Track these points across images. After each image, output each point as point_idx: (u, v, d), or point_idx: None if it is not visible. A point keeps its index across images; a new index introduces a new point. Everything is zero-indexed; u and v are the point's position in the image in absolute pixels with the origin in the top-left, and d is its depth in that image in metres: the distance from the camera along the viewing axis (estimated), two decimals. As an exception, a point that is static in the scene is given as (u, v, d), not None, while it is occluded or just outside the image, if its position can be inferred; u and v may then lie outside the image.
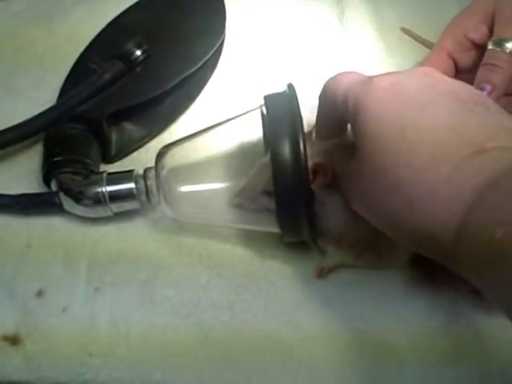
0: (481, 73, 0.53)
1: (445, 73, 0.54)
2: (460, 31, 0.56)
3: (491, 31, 0.54)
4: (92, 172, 0.52)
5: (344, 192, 0.46)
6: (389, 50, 0.68)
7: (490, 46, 0.53)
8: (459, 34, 0.56)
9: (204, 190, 0.51)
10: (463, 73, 0.57)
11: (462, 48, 0.56)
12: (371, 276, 0.52)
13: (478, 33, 0.55)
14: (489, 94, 0.52)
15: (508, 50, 0.51)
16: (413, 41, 0.68)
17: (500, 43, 0.52)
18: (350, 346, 0.49)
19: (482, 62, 0.53)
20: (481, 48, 0.55)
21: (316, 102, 0.51)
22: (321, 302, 0.51)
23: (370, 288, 0.52)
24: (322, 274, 0.52)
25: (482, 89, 0.52)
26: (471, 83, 0.54)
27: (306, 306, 0.50)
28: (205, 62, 0.63)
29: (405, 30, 0.70)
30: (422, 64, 0.59)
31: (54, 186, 0.53)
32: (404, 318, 0.50)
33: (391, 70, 0.63)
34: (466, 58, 0.57)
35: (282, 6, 0.71)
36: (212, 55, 0.64)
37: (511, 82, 0.53)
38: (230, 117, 0.52)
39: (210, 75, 0.65)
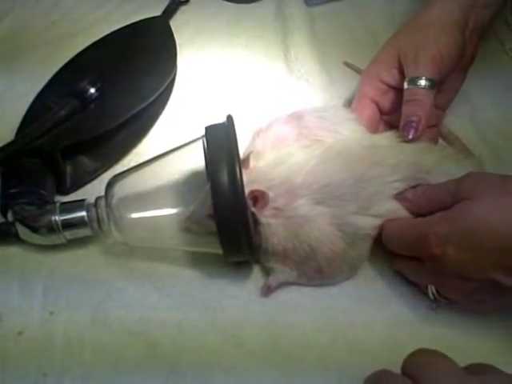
0: (405, 109, 0.58)
1: (370, 116, 0.60)
2: (375, 77, 0.61)
3: (401, 73, 0.60)
4: (46, 202, 0.56)
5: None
6: (331, 82, 0.72)
7: (406, 86, 0.58)
8: (375, 80, 0.61)
9: (152, 217, 0.55)
10: (386, 114, 0.63)
11: (381, 92, 0.62)
12: (312, 295, 0.55)
13: (390, 76, 0.61)
14: (417, 124, 0.57)
15: (422, 86, 0.57)
16: (354, 73, 0.72)
17: (414, 81, 0.58)
18: (291, 361, 0.51)
19: (404, 100, 0.58)
20: (396, 89, 0.61)
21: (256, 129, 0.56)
22: (264, 319, 0.54)
23: (310, 306, 0.55)
24: (268, 291, 0.55)
25: (411, 122, 0.57)
26: (394, 124, 0.60)
27: (249, 323, 0.53)
28: (156, 98, 0.67)
29: (347, 64, 0.73)
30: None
31: (10, 217, 0.56)
32: (343, 333, 0.53)
33: (334, 100, 0.69)
34: (386, 100, 0.62)
35: (231, 45, 0.76)
36: (163, 91, 0.68)
37: (431, 116, 0.59)
38: (175, 147, 0.55)
39: (162, 110, 0.69)
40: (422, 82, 0.57)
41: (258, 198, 0.52)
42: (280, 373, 0.51)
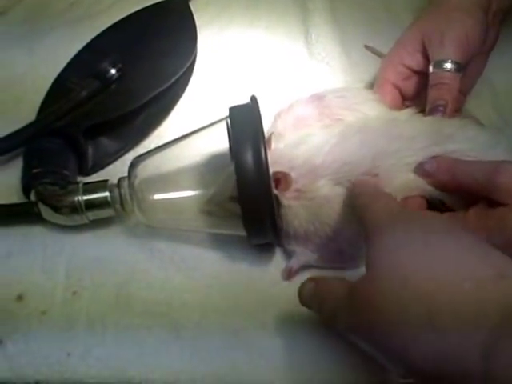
0: (432, 93, 0.58)
1: (393, 102, 0.60)
2: (398, 62, 0.60)
3: (425, 57, 0.59)
4: (69, 182, 0.56)
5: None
6: (352, 65, 0.71)
7: (431, 70, 0.58)
8: (398, 65, 0.61)
9: (175, 198, 0.54)
10: (408, 100, 0.62)
11: (403, 76, 0.61)
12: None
13: (414, 60, 0.60)
14: (444, 108, 0.56)
15: (448, 69, 0.57)
16: (375, 57, 0.72)
17: (440, 65, 0.57)
18: (313, 341, 0.51)
19: (430, 84, 0.58)
20: (419, 74, 0.61)
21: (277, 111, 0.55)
22: (287, 301, 0.53)
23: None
24: (290, 274, 0.55)
25: (438, 106, 0.56)
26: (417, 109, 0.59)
27: (272, 306, 0.53)
28: (177, 79, 0.66)
29: (368, 48, 0.73)
30: None
31: (33, 197, 0.56)
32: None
33: (354, 84, 0.69)
34: (408, 85, 0.61)
35: (251, 27, 0.75)
36: (183, 73, 0.67)
37: (457, 99, 0.58)
38: (198, 128, 0.55)
39: (182, 92, 0.68)
40: (449, 65, 0.57)
41: (281, 179, 0.52)
42: (304, 353, 0.51)
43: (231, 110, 0.52)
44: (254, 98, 0.52)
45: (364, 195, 0.48)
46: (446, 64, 0.57)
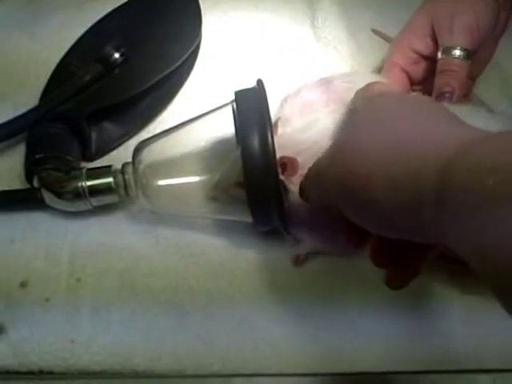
0: (439, 79, 0.57)
1: (401, 86, 0.59)
2: (407, 46, 0.60)
3: (434, 42, 0.58)
4: (72, 168, 0.55)
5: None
6: (359, 49, 0.71)
7: (440, 56, 0.57)
8: (407, 49, 0.60)
9: (180, 184, 0.54)
10: (416, 84, 0.61)
11: (412, 61, 0.60)
12: (341, 264, 0.55)
13: (423, 45, 0.59)
14: (451, 95, 0.56)
15: (457, 56, 0.56)
16: (383, 41, 0.71)
17: (449, 51, 0.56)
18: (322, 329, 0.51)
19: (439, 70, 0.57)
20: (427, 59, 0.60)
21: (283, 96, 0.55)
22: (292, 288, 0.53)
23: (339, 277, 0.54)
24: (298, 261, 0.54)
25: (444, 93, 0.56)
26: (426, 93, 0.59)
27: (278, 292, 0.53)
28: (181, 64, 0.65)
29: (375, 31, 0.72)
30: None
31: (36, 183, 0.55)
32: (376, 305, 0.53)
33: (361, 68, 0.68)
34: (416, 70, 0.61)
35: (257, 9, 0.74)
36: (188, 57, 0.66)
37: (464, 86, 0.58)
38: (203, 112, 0.54)
39: (187, 76, 0.67)
40: (457, 52, 0.56)
41: (287, 164, 0.51)
42: (308, 340, 0.51)
43: (237, 93, 0.51)
44: (260, 82, 0.51)
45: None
46: (455, 51, 0.56)
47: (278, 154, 0.49)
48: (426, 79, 0.61)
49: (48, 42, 0.69)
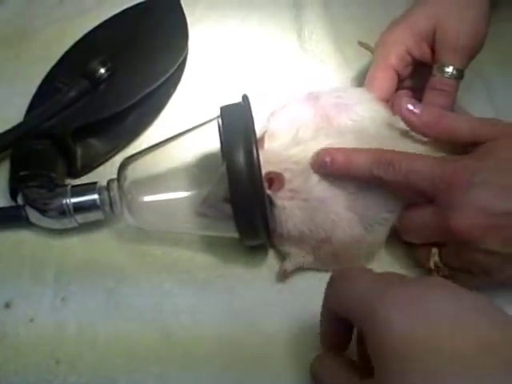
0: (431, 97, 0.57)
1: (392, 88, 0.59)
2: (405, 49, 0.59)
3: (431, 49, 0.58)
4: (57, 185, 0.54)
5: None
6: (346, 62, 0.70)
7: (435, 72, 0.57)
8: (403, 52, 0.59)
9: (166, 200, 0.53)
10: (401, 81, 0.61)
11: (405, 63, 0.60)
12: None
13: (420, 51, 0.59)
14: None
15: (449, 74, 0.56)
16: (370, 54, 0.70)
17: (444, 69, 0.56)
18: (309, 348, 0.50)
19: (431, 87, 0.57)
20: (417, 61, 0.60)
21: (270, 110, 0.54)
22: (280, 305, 0.53)
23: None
24: (284, 276, 0.54)
25: None
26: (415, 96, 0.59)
27: (265, 310, 0.52)
28: (168, 78, 0.65)
29: (362, 44, 0.71)
30: (369, 79, 0.61)
31: (20, 200, 0.54)
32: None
33: (349, 81, 0.68)
34: (406, 71, 0.61)
35: (243, 23, 0.74)
36: (175, 71, 0.66)
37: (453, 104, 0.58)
38: (189, 128, 0.54)
39: (174, 90, 0.67)
40: (454, 72, 0.56)
41: (274, 179, 0.50)
42: (298, 359, 0.50)
43: (222, 109, 0.51)
44: (245, 97, 0.51)
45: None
46: (451, 70, 0.56)
47: (265, 169, 0.49)
48: (411, 78, 0.61)
49: (33, 57, 0.69)
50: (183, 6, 0.71)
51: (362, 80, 0.66)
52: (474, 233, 0.45)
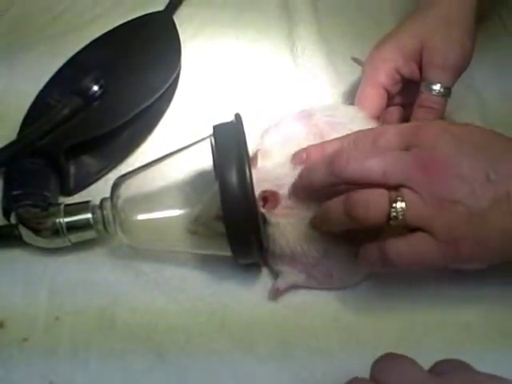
0: (419, 114, 0.58)
1: (382, 106, 0.60)
2: (392, 67, 0.59)
3: (419, 67, 0.59)
4: (50, 204, 0.54)
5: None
6: (339, 77, 0.71)
7: (422, 89, 0.58)
8: (392, 70, 0.59)
9: (159, 218, 0.53)
10: (391, 98, 0.62)
11: (394, 81, 0.60)
12: (324, 298, 0.54)
13: (409, 70, 0.59)
14: None
15: (437, 92, 0.57)
16: (362, 69, 0.71)
17: (431, 87, 0.57)
18: (302, 365, 0.50)
19: (419, 104, 0.58)
20: (406, 79, 0.60)
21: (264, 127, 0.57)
22: (274, 323, 0.53)
23: (321, 309, 0.53)
24: (277, 294, 0.54)
25: None
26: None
27: (259, 327, 0.52)
28: (161, 95, 0.65)
29: (355, 60, 0.72)
30: (359, 97, 0.62)
31: (13, 219, 0.54)
32: (355, 337, 0.52)
33: (341, 97, 0.68)
34: (395, 89, 0.61)
35: (236, 40, 0.74)
36: (168, 88, 0.66)
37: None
38: (182, 146, 0.54)
39: (167, 107, 0.67)
40: (442, 90, 0.57)
41: (268, 198, 0.51)
42: (290, 378, 0.50)
43: (215, 128, 0.51)
44: (238, 116, 0.51)
45: None
46: (438, 88, 0.57)
47: (259, 187, 0.50)
48: (397, 96, 0.62)
49: (27, 73, 0.69)
50: (176, 22, 0.72)
51: (354, 95, 0.66)
52: None
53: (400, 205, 0.44)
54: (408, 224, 0.44)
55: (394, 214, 0.44)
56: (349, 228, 0.48)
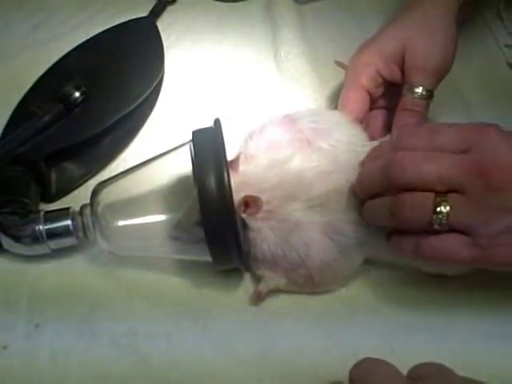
0: (401, 118, 0.58)
1: (365, 108, 0.59)
2: (374, 69, 0.59)
3: (401, 70, 0.59)
4: (30, 211, 0.54)
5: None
6: (322, 82, 0.71)
7: (405, 92, 0.58)
8: (374, 73, 0.60)
9: (140, 224, 0.53)
10: (374, 101, 0.62)
11: (376, 84, 0.60)
12: (306, 302, 0.54)
13: (390, 72, 0.59)
14: None
15: (419, 94, 0.57)
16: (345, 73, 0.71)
17: (413, 90, 0.57)
18: (284, 371, 0.50)
19: (401, 107, 0.58)
20: (388, 82, 0.60)
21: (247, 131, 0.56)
22: (256, 328, 0.53)
23: (303, 314, 0.54)
24: (259, 298, 0.53)
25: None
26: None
27: (241, 333, 0.52)
28: (143, 101, 0.65)
29: (338, 63, 0.72)
30: (342, 101, 0.61)
31: (-7, 227, 0.54)
32: (338, 341, 0.52)
33: (324, 103, 0.68)
34: (377, 92, 0.61)
35: (219, 45, 0.74)
36: (150, 94, 0.66)
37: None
38: (162, 152, 0.54)
39: (149, 113, 0.67)
40: (424, 92, 0.57)
41: (250, 203, 0.50)
42: (273, 382, 0.50)
43: (194, 133, 0.51)
44: (217, 121, 0.51)
45: None
46: (420, 91, 0.57)
47: (240, 191, 0.50)
48: (380, 99, 0.62)
49: (7, 81, 0.69)
50: (159, 28, 0.72)
51: (337, 99, 0.66)
52: None
53: (444, 209, 0.44)
54: (451, 228, 0.45)
55: (439, 217, 0.44)
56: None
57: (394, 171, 0.46)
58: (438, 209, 0.44)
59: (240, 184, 0.51)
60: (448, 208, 0.44)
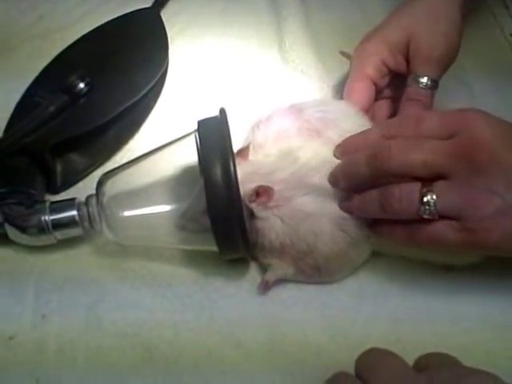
0: (406, 107, 0.58)
1: (371, 98, 0.59)
2: (380, 60, 0.59)
3: (405, 59, 0.59)
4: (36, 202, 0.54)
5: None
6: (327, 72, 0.70)
7: (409, 82, 0.58)
8: (379, 63, 0.59)
9: (145, 214, 0.53)
10: (379, 91, 0.61)
11: (382, 74, 0.60)
12: (313, 291, 0.54)
13: (395, 62, 0.59)
14: None
15: (424, 84, 0.57)
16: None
17: (418, 79, 0.57)
18: (291, 360, 0.50)
19: (406, 97, 0.58)
20: (393, 72, 0.60)
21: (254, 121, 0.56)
22: (262, 317, 0.52)
23: (310, 303, 0.53)
24: (266, 287, 0.53)
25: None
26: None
27: (247, 323, 0.52)
28: (148, 91, 0.65)
29: (343, 53, 0.71)
30: (347, 91, 0.61)
31: (-1, 218, 0.54)
32: (344, 331, 0.52)
33: (330, 93, 0.68)
34: (383, 82, 0.61)
35: (224, 35, 0.74)
36: (155, 85, 0.66)
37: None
38: (167, 142, 0.54)
39: (154, 104, 0.67)
40: (429, 82, 0.57)
41: (261, 192, 0.50)
42: (279, 372, 0.49)
43: (199, 123, 0.51)
44: (222, 111, 0.51)
45: None
46: (425, 80, 0.57)
47: (249, 180, 0.50)
48: (386, 89, 0.62)
49: (13, 72, 0.69)
50: (163, 19, 0.71)
51: (342, 89, 0.66)
52: None
53: (430, 199, 0.45)
54: (440, 215, 0.45)
55: (426, 207, 0.45)
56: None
57: (382, 160, 0.47)
58: (425, 199, 0.45)
59: (249, 173, 0.51)
60: (434, 197, 0.45)
